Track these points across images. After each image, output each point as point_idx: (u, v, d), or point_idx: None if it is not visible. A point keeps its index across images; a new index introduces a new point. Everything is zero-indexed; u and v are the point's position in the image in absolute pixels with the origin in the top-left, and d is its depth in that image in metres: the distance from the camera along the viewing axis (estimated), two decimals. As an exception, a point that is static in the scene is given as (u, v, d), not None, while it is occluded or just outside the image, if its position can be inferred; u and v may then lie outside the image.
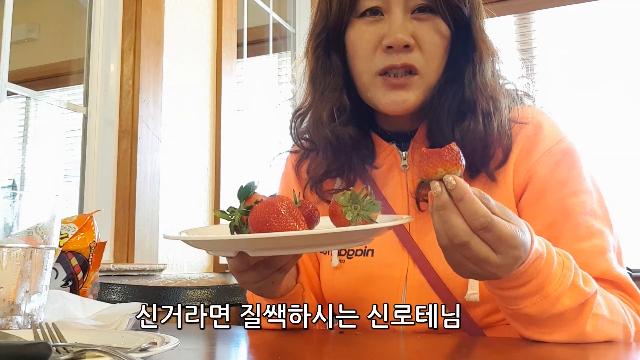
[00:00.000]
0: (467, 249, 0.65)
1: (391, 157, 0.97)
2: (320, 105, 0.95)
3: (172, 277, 2.17)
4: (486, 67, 0.90)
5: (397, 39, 0.86)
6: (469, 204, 0.64)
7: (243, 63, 2.93)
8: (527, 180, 0.88)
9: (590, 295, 0.74)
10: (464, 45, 0.90)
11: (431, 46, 0.88)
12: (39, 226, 0.77)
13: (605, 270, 0.83)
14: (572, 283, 0.73)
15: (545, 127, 0.91)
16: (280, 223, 0.60)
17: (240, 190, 0.67)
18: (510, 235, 0.65)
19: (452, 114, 0.89)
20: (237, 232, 0.66)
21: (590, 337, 0.75)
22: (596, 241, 0.84)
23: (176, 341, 0.59)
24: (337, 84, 0.94)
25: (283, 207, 0.61)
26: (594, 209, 0.86)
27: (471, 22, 0.90)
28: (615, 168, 2.94)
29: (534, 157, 0.89)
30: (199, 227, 0.78)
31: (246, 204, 0.66)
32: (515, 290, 0.72)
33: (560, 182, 0.87)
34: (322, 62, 0.96)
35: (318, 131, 0.96)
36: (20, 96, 2.11)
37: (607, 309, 0.77)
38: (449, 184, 0.64)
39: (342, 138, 0.93)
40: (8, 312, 0.73)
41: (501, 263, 0.66)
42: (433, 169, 0.64)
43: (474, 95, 0.89)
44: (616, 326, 0.77)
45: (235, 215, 0.66)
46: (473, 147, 0.87)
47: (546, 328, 0.75)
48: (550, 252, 0.73)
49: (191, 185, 2.33)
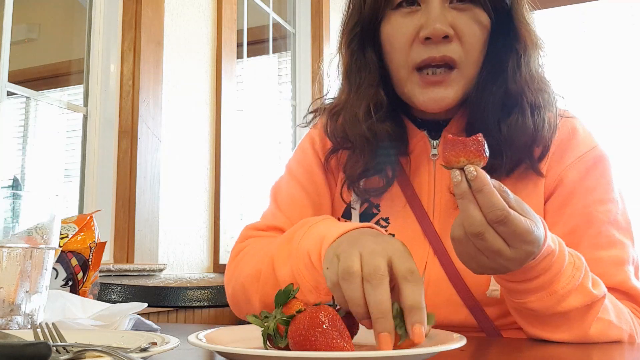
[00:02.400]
0: (481, 240, 0.65)
1: (421, 144, 0.95)
2: (356, 102, 0.92)
3: (172, 277, 2.17)
4: (532, 58, 0.86)
5: (435, 29, 0.82)
6: (488, 196, 0.63)
7: (243, 63, 2.93)
8: (556, 184, 0.87)
9: (597, 298, 0.74)
10: (506, 37, 0.86)
11: (471, 37, 0.84)
12: (39, 226, 0.77)
13: (622, 281, 0.82)
14: (581, 284, 0.73)
15: (580, 133, 0.90)
16: (326, 339, 0.56)
17: (279, 295, 0.61)
18: (526, 230, 0.64)
19: (496, 108, 0.86)
20: (269, 341, 0.61)
21: (594, 340, 0.75)
22: (615, 252, 0.83)
23: (176, 341, 0.59)
24: (373, 79, 0.92)
25: (327, 320, 0.56)
26: (618, 220, 0.85)
27: (513, 10, 0.86)
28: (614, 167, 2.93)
29: (566, 161, 0.87)
30: (219, 328, 0.69)
31: (284, 311, 0.60)
32: (523, 284, 0.72)
33: (587, 189, 0.86)
34: (356, 57, 0.93)
35: (354, 129, 0.92)
36: (20, 96, 2.11)
37: (615, 315, 0.77)
38: (470, 174, 0.63)
39: (379, 134, 0.90)
40: (8, 312, 0.73)
41: (514, 257, 0.66)
42: (456, 157, 0.63)
43: (519, 87, 0.85)
44: (622, 333, 0.77)
45: (269, 322, 0.61)
46: (522, 142, 0.84)
47: (549, 326, 0.75)
48: (562, 250, 0.73)
49: (191, 185, 2.33)
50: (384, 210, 0.94)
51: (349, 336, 0.58)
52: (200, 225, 2.37)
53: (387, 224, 0.92)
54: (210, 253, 2.42)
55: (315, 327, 0.56)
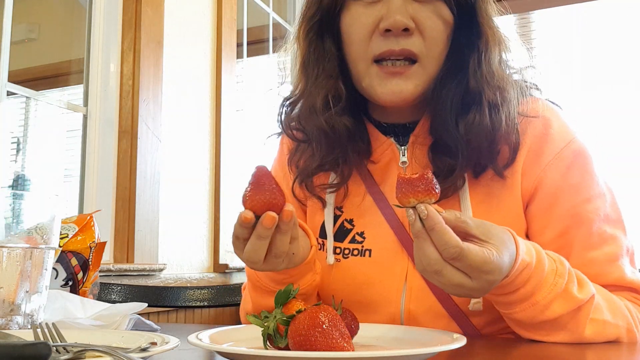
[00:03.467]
0: (441, 276, 0.66)
1: (389, 152, 0.91)
2: (314, 92, 0.89)
3: (172, 277, 2.17)
4: (493, 55, 0.84)
5: (395, 21, 0.80)
6: (440, 234, 0.64)
7: (243, 63, 2.93)
8: (536, 186, 0.84)
9: (584, 302, 0.73)
10: (468, 32, 0.84)
11: (432, 31, 0.82)
12: (39, 226, 0.77)
13: (618, 277, 0.82)
14: (564, 290, 0.72)
15: (554, 125, 0.86)
16: (326, 339, 0.55)
17: (279, 294, 0.61)
18: (483, 262, 0.65)
19: (455, 106, 0.83)
20: (269, 341, 0.61)
21: (591, 341, 0.75)
22: (608, 248, 0.82)
23: (176, 341, 0.59)
24: (332, 70, 0.89)
25: (327, 320, 0.56)
26: (608, 214, 0.83)
27: (476, 6, 0.84)
28: (615, 168, 2.93)
29: (543, 160, 0.84)
30: (219, 328, 0.69)
31: (284, 311, 0.61)
32: (504, 297, 0.73)
33: (572, 188, 0.83)
34: (315, 47, 0.90)
35: (311, 120, 0.89)
36: (20, 96, 2.11)
37: (610, 312, 0.76)
38: (422, 213, 0.64)
39: (337, 128, 0.87)
40: (8, 312, 0.73)
41: (476, 287, 0.67)
42: (406, 198, 0.65)
43: (479, 85, 0.83)
44: (619, 329, 0.77)
45: (269, 322, 0.61)
46: (479, 142, 0.82)
47: (542, 331, 0.75)
48: (540, 259, 0.72)
49: (191, 185, 2.33)
50: (358, 225, 0.91)
51: (349, 336, 0.58)
52: (200, 225, 2.37)
53: (363, 238, 0.90)
54: (210, 253, 2.42)
55: (315, 327, 0.56)
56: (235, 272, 2.52)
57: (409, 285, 0.86)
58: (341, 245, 0.91)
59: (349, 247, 0.90)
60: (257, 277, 0.86)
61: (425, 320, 0.85)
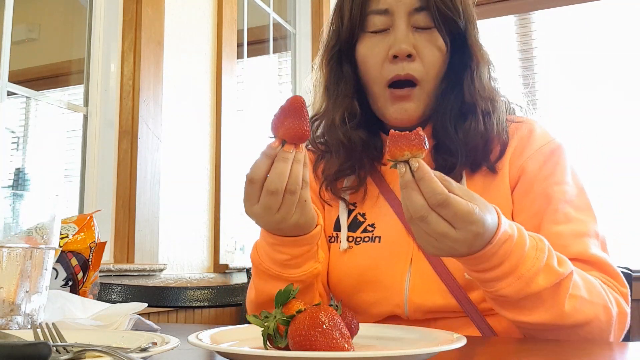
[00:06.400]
0: (426, 224, 0.71)
1: None
2: (333, 111, 1.05)
3: (172, 277, 2.17)
4: (483, 73, 1.01)
5: (401, 49, 0.96)
6: (428, 182, 0.70)
7: (243, 63, 2.93)
8: (519, 174, 0.98)
9: (564, 275, 0.78)
10: (462, 55, 1.00)
11: (430, 57, 0.98)
12: (39, 226, 0.77)
13: (581, 251, 0.89)
14: (546, 264, 0.77)
15: (537, 131, 1.02)
16: (326, 339, 0.56)
17: (279, 294, 0.62)
18: (467, 212, 0.70)
19: (454, 116, 0.99)
20: (269, 341, 0.61)
21: (570, 317, 0.79)
22: (573, 226, 0.91)
23: (176, 341, 0.59)
24: (348, 91, 1.05)
25: (327, 320, 0.56)
26: (573, 200, 0.94)
27: (467, 34, 1.00)
28: (615, 168, 2.94)
29: (526, 154, 0.99)
30: (219, 328, 0.70)
31: (284, 311, 0.61)
32: (490, 272, 0.77)
33: (545, 175, 0.96)
34: (335, 72, 1.07)
35: (331, 134, 1.06)
36: (20, 96, 2.11)
37: (586, 289, 0.82)
38: (413, 165, 0.70)
39: (353, 140, 1.03)
40: (8, 312, 0.73)
41: (460, 237, 0.72)
42: (400, 151, 0.70)
43: (473, 98, 0.99)
44: (596, 307, 0.82)
45: (269, 322, 0.61)
46: (475, 143, 0.97)
47: (525, 309, 0.79)
48: (521, 235, 0.78)
49: (191, 185, 2.33)
50: (369, 218, 1.05)
51: (349, 336, 0.58)
52: (200, 225, 2.37)
53: (374, 228, 1.04)
54: (210, 253, 2.42)
55: (315, 327, 0.56)
56: (236, 273, 2.53)
57: (413, 267, 0.97)
58: (354, 234, 1.04)
59: (360, 236, 1.03)
60: (260, 260, 0.92)
61: (427, 297, 0.95)
